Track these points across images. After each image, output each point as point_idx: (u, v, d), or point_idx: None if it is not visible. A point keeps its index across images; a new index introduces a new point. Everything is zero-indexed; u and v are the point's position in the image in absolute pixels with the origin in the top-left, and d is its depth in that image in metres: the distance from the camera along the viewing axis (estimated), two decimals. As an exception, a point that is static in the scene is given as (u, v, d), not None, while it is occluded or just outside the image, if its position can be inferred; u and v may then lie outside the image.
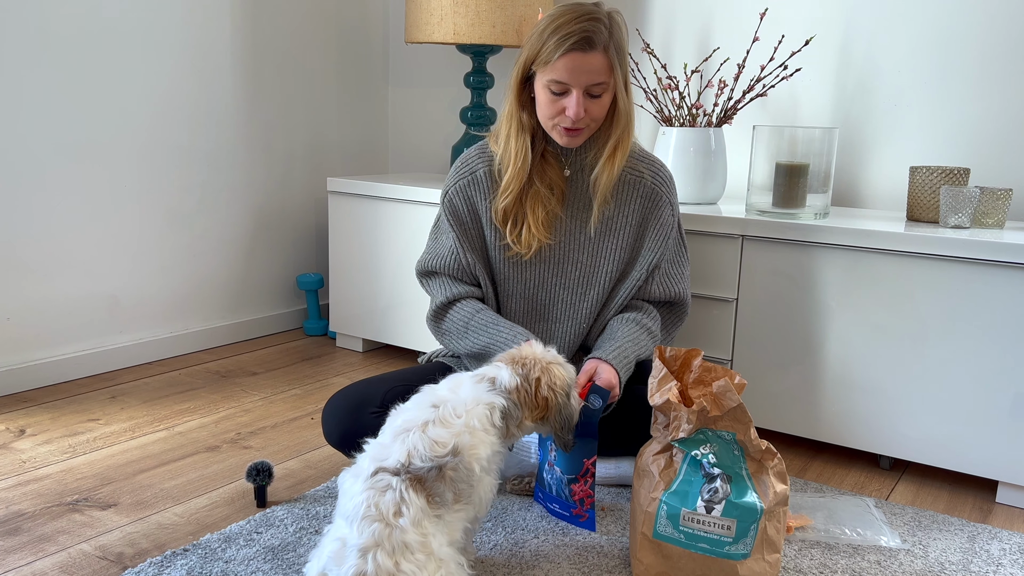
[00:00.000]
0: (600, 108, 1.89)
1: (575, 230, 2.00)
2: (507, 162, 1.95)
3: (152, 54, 2.80)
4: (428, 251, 2.09)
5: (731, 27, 2.78)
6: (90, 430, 2.32)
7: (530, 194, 1.96)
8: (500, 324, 1.93)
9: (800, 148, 2.31)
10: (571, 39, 1.80)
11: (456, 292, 2.01)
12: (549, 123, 1.91)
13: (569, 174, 2.00)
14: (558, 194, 1.98)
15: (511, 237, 1.97)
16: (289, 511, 1.88)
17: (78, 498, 1.94)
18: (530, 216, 1.95)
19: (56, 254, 2.64)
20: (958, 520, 1.96)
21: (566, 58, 1.81)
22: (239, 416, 2.47)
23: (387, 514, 1.33)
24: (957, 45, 2.47)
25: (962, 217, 2.16)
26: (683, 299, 2.07)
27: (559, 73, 1.83)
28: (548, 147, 1.98)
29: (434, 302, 2.04)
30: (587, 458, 1.74)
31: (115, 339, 2.84)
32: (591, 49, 1.82)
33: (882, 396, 2.16)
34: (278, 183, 3.29)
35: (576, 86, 1.84)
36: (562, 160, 1.99)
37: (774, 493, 1.55)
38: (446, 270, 2.03)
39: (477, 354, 1.94)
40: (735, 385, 1.60)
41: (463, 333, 1.97)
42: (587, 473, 1.76)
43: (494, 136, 2.03)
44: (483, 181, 2.00)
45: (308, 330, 3.35)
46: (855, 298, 2.16)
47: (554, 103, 1.87)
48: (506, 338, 1.89)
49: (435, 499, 1.39)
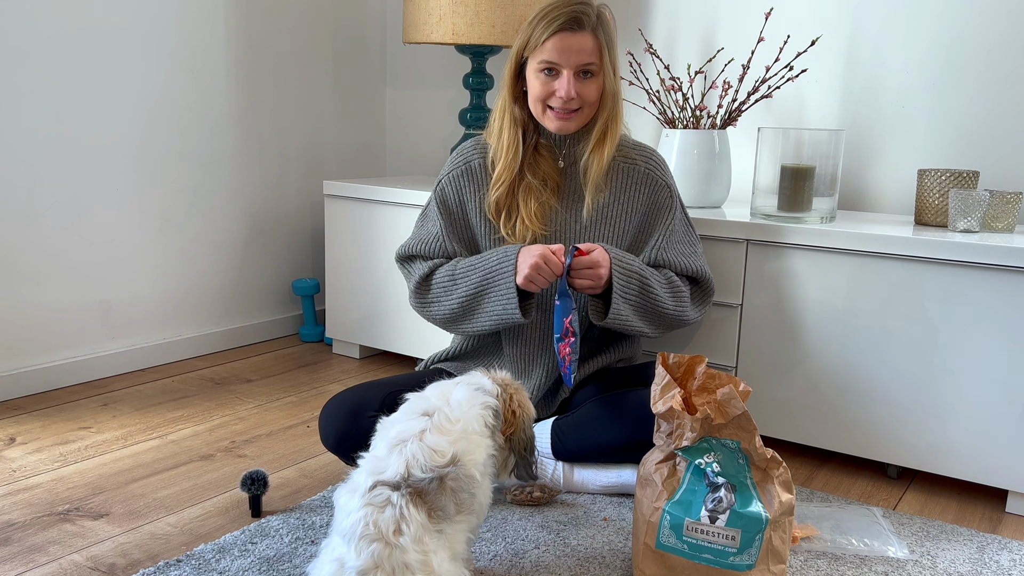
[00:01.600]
0: (591, 91, 1.97)
1: (571, 220, 2.06)
2: (499, 154, 2.04)
3: (144, 54, 2.81)
4: (413, 236, 2.17)
5: (736, 27, 2.80)
6: (81, 438, 2.33)
7: (522, 187, 2.03)
8: (485, 255, 2.01)
9: (806, 150, 2.32)
10: (560, 19, 1.92)
11: (435, 262, 2.09)
12: (540, 107, 2.00)
13: (563, 166, 2.07)
14: (552, 186, 2.05)
15: (506, 229, 2.04)
16: (285, 521, 1.89)
17: (69, 508, 1.94)
18: (522, 208, 2.03)
19: (46, 259, 2.65)
20: (967, 530, 1.97)
21: (555, 38, 1.92)
22: (233, 424, 2.47)
23: (387, 532, 1.31)
24: (967, 45, 2.48)
25: (971, 221, 2.16)
26: (705, 275, 2.13)
27: (549, 53, 1.93)
28: (541, 140, 2.06)
29: (414, 279, 2.10)
30: (565, 317, 1.91)
31: (107, 345, 2.84)
32: (580, 29, 1.93)
33: (890, 404, 2.17)
34: (273, 186, 3.30)
35: (566, 66, 1.93)
36: (556, 152, 2.06)
37: (779, 503, 1.56)
38: (427, 253, 2.10)
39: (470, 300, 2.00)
40: (739, 392, 1.61)
41: (451, 286, 2.03)
42: (567, 332, 1.91)
43: (489, 130, 2.11)
44: (477, 172, 2.09)
45: (304, 336, 3.36)
46: (862, 304, 2.17)
47: (545, 85, 1.96)
48: (497, 262, 1.96)
49: (437, 513, 1.37)
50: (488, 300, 1.98)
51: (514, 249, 1.96)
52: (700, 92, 2.75)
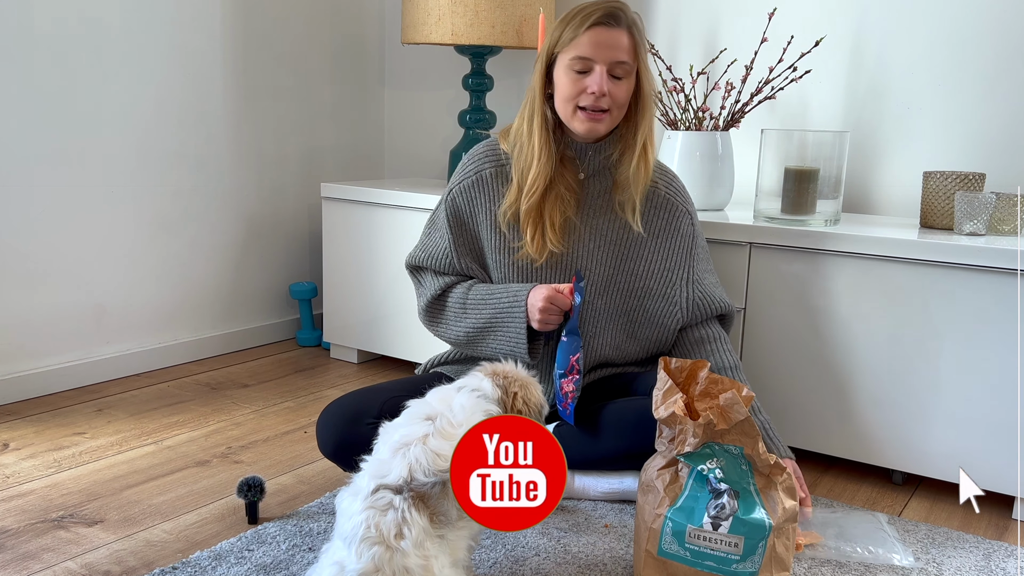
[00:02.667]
0: (623, 91, 1.92)
1: (584, 236, 2.02)
2: (531, 160, 1.95)
3: (139, 55, 2.81)
4: (420, 247, 2.13)
5: (738, 27, 2.80)
6: (76, 444, 2.33)
7: (551, 196, 1.97)
8: (496, 292, 1.99)
9: (810, 152, 2.33)
10: (596, 14, 1.88)
11: (448, 280, 2.06)
12: (569, 106, 1.93)
13: (583, 177, 2.02)
14: (573, 199, 2.00)
15: (529, 242, 1.97)
16: (282, 528, 1.89)
17: (63, 514, 1.95)
18: (547, 220, 1.97)
19: (40, 262, 2.65)
20: (973, 537, 1.97)
21: (591, 32, 1.88)
22: (230, 430, 2.48)
23: (388, 536, 1.32)
24: (972, 45, 2.48)
25: (977, 224, 2.17)
26: (730, 309, 2.13)
27: (583, 48, 1.88)
28: (566, 150, 2.00)
29: (425, 295, 2.09)
30: (572, 355, 1.92)
31: (101, 350, 2.85)
32: (616, 25, 1.89)
33: (895, 409, 2.17)
34: (270, 188, 3.30)
35: (600, 61, 1.88)
36: (578, 163, 2.01)
37: (783, 509, 1.56)
38: (437, 268, 2.08)
39: (478, 333, 1.99)
40: (743, 397, 1.61)
41: (461, 314, 2.01)
42: (572, 369, 1.91)
43: (505, 134, 2.05)
44: (489, 182, 2.03)
45: (301, 341, 3.36)
46: (867, 308, 2.17)
47: (576, 82, 1.90)
48: (508, 304, 1.95)
49: (439, 518, 1.38)
50: (496, 338, 1.98)
51: (524, 292, 1.94)
52: (702, 93, 2.76)
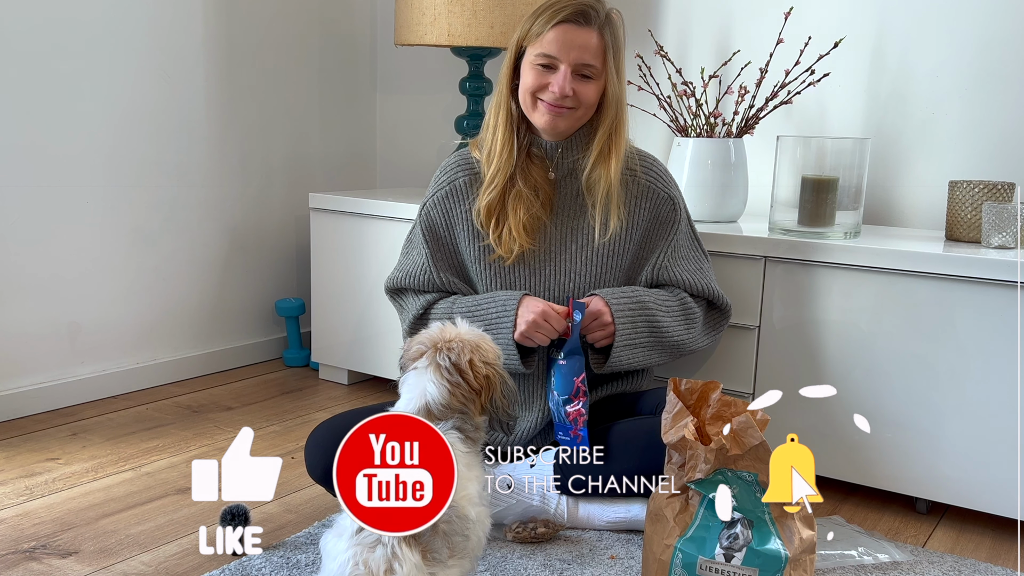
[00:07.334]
0: (592, 92, 1.99)
1: (564, 238, 2.08)
2: (493, 154, 2.05)
3: (115, 56, 2.83)
4: (398, 267, 2.21)
5: (753, 28, 2.82)
6: (49, 470, 2.34)
7: (512, 194, 2.04)
8: (482, 303, 2.04)
9: (829, 161, 2.34)
10: (565, 11, 1.94)
11: (429, 298, 2.12)
12: (531, 99, 2.00)
13: (555, 178, 2.08)
14: (543, 198, 2.06)
15: (493, 237, 2.05)
16: (267, 559, 1.90)
17: (35, 545, 1.96)
18: (511, 218, 2.04)
19: (10, 277, 2.66)
20: (1002, 569, 1.98)
21: (557, 29, 1.94)
22: (212, 455, 2.47)
23: (378, 572, 1.34)
24: (1001, 46, 2.50)
25: (1006, 236, 2.18)
26: (718, 295, 2.16)
27: (547, 46, 1.95)
28: (533, 148, 2.07)
29: (409, 315, 2.14)
30: (576, 376, 1.95)
31: (76, 371, 2.86)
32: (585, 24, 1.94)
33: (919, 433, 2.18)
34: (255, 199, 3.32)
35: (565, 61, 1.95)
36: (547, 161, 2.08)
37: (800, 539, 1.57)
38: (416, 287, 2.14)
39: None
40: (757, 421, 1.62)
41: None
42: (578, 392, 1.94)
43: (476, 143, 2.13)
44: (463, 190, 2.11)
45: (288, 361, 3.37)
46: (889, 325, 2.19)
47: (539, 77, 1.97)
48: (496, 312, 2.00)
49: (431, 555, 1.40)
50: None
51: (513, 302, 1.99)
52: (714, 98, 2.77)
